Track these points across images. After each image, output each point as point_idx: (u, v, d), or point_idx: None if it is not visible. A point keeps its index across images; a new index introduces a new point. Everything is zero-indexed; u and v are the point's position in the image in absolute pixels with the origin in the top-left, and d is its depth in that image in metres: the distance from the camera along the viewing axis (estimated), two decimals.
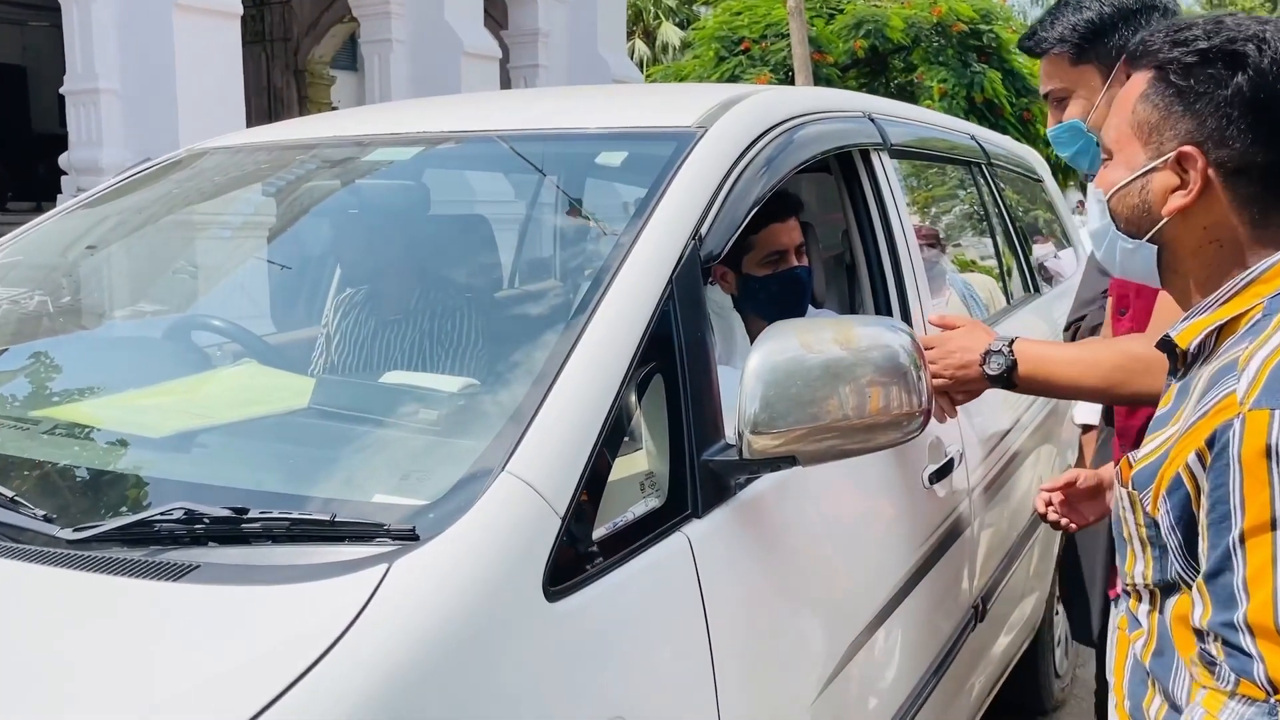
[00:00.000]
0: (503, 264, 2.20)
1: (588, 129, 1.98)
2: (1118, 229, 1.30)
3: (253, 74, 10.67)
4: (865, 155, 2.37)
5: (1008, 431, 2.71)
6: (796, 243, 2.38)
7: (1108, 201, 1.30)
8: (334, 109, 12.87)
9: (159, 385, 1.79)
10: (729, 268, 2.36)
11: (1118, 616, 1.38)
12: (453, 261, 1.97)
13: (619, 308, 1.48)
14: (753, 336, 2.39)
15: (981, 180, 3.27)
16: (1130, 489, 1.24)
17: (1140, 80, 1.27)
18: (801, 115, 2.09)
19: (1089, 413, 2.69)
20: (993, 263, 3.34)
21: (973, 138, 3.24)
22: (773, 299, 2.35)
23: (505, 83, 12.67)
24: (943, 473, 2.21)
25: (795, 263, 2.37)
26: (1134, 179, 1.26)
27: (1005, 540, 2.69)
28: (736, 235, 1.73)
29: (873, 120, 2.43)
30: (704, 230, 1.65)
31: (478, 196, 2.29)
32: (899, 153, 2.55)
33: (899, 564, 2.03)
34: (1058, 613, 3.42)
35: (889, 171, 2.43)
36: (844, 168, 2.37)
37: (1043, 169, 4.05)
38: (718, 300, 2.38)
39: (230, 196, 2.35)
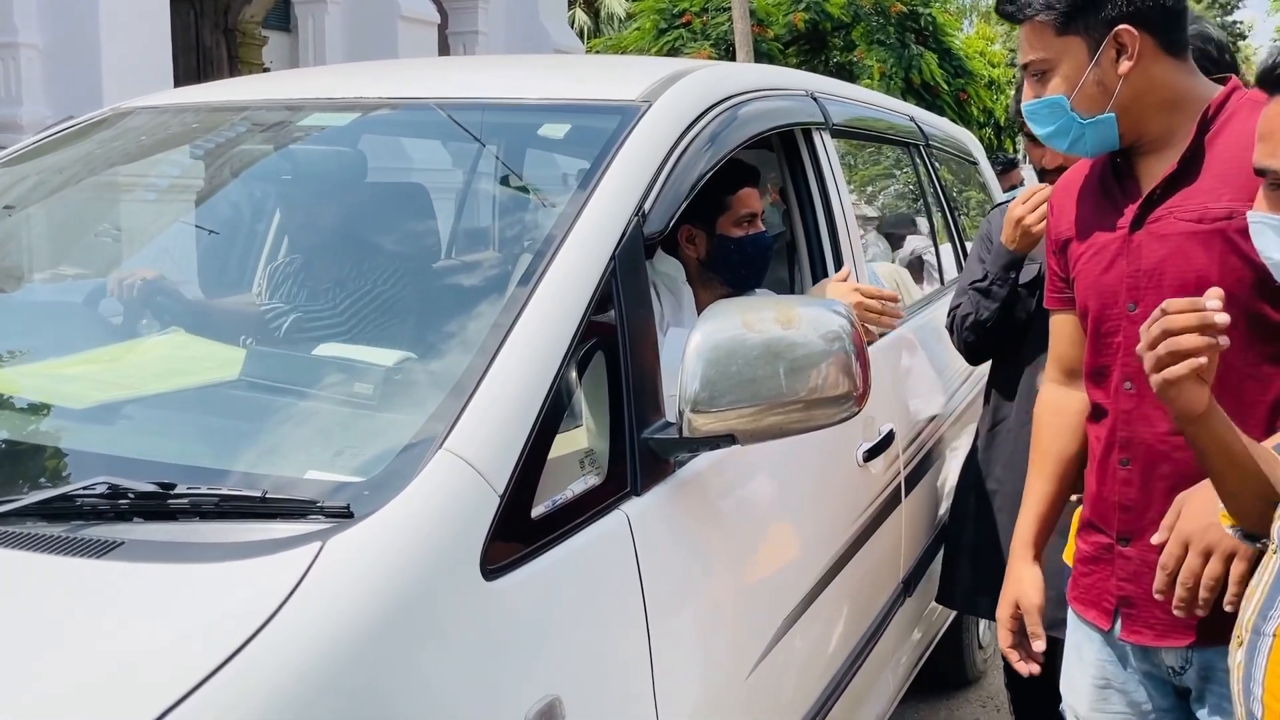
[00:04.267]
0: (442, 235, 2.16)
1: (531, 99, 1.95)
2: None
3: (180, 32, 10.31)
4: (807, 134, 2.38)
5: (938, 411, 2.75)
6: (761, 209, 2.40)
7: None
8: (266, 70, 12.51)
9: (81, 354, 1.73)
10: (701, 229, 2.36)
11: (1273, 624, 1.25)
12: (390, 231, 1.93)
13: (561, 284, 1.46)
14: (712, 300, 2.39)
15: (919, 161, 3.30)
16: None
17: None
18: (745, 92, 2.08)
19: None
20: (926, 242, 3.38)
21: (912, 119, 3.27)
22: (746, 260, 2.37)
23: (444, 49, 12.44)
24: (876, 450, 2.24)
25: (762, 228, 2.39)
26: None
27: (934, 516, 2.74)
28: (680, 210, 1.72)
29: (815, 99, 2.44)
30: (647, 206, 1.63)
31: (416, 165, 2.24)
32: (840, 132, 2.56)
33: (833, 540, 2.05)
34: None
35: (830, 150, 2.44)
36: (785, 146, 2.38)
37: (978, 151, 4.11)
38: (668, 272, 2.38)
39: (155, 159, 2.26)
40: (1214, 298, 1.28)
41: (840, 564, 2.06)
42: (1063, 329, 1.84)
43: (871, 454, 2.21)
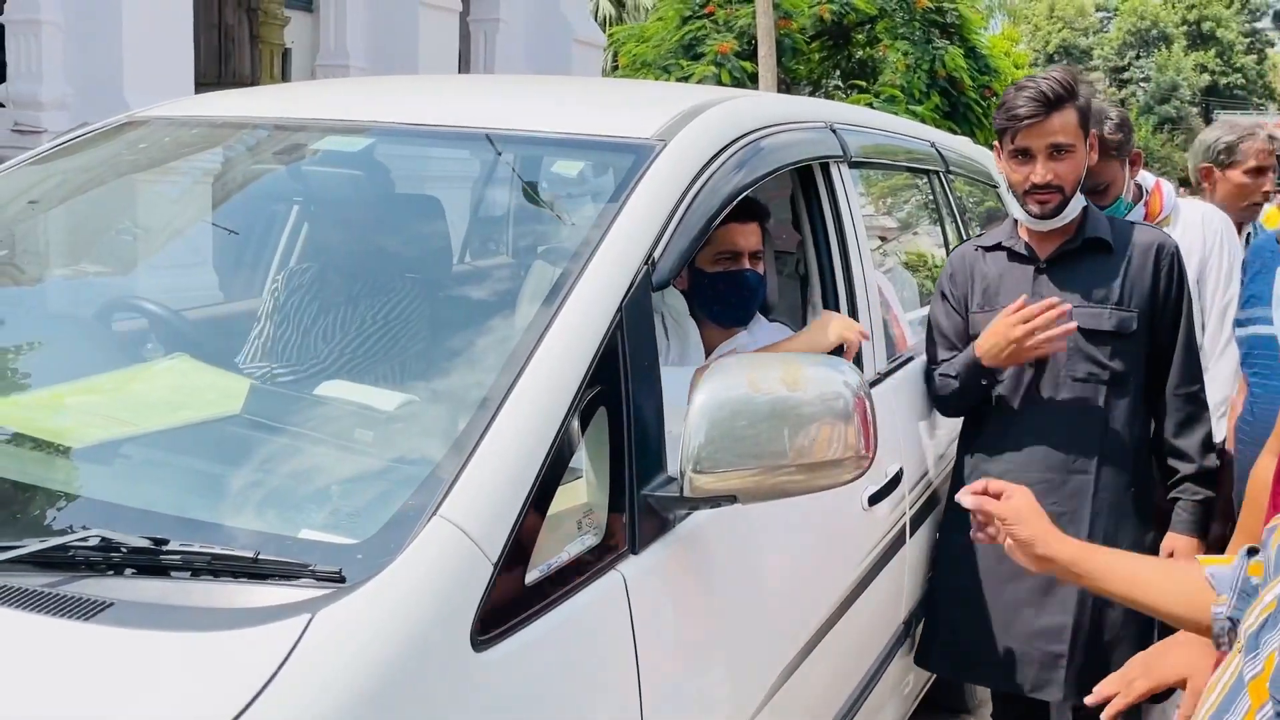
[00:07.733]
0: (447, 275, 2.13)
1: (544, 133, 1.91)
2: None
3: (203, 11, 10.29)
4: (825, 167, 2.34)
5: (947, 446, 2.72)
6: (753, 248, 2.35)
7: None
8: (287, 50, 12.49)
9: (85, 381, 1.72)
10: None
11: None
12: (395, 268, 1.91)
13: (566, 338, 1.44)
14: (704, 333, 2.38)
15: (938, 187, 3.26)
16: None
17: None
18: (763, 127, 2.05)
19: None
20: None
21: (933, 145, 3.23)
22: (719, 297, 2.33)
23: (464, 36, 12.40)
24: (883, 493, 2.21)
25: (747, 266, 2.35)
26: None
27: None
28: (691, 257, 1.70)
29: (834, 131, 2.40)
30: (656, 254, 1.61)
31: (426, 191, 2.22)
32: (859, 163, 2.53)
33: (835, 588, 2.03)
34: None
35: (847, 184, 2.41)
36: (803, 180, 2.34)
37: (998, 173, 4.04)
38: (674, 305, 2.35)
39: (166, 171, 2.25)
40: None
41: (841, 610, 2.04)
42: None
43: (878, 497, 2.19)
